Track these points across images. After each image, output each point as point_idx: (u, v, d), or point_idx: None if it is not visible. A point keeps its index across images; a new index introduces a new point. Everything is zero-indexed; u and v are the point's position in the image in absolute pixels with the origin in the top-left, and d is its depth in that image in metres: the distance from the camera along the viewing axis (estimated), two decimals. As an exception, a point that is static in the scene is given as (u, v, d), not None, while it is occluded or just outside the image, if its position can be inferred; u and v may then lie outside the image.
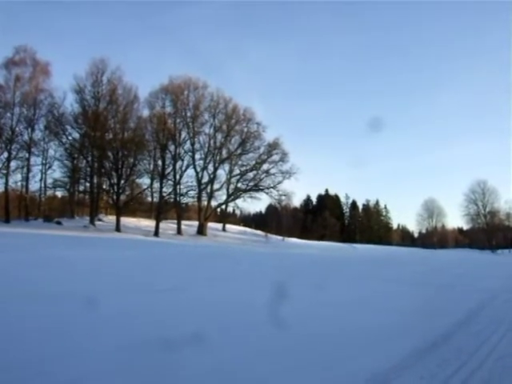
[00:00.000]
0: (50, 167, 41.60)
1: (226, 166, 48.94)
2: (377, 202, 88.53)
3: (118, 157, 38.65)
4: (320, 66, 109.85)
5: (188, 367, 4.30)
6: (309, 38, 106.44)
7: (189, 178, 45.77)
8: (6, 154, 36.63)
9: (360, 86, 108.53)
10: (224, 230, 52.56)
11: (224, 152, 48.18)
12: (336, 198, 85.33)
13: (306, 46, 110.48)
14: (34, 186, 41.29)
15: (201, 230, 44.88)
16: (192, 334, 5.46)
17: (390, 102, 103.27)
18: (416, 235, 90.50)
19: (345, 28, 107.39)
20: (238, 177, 49.36)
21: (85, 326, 5.71)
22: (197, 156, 46.40)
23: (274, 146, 48.35)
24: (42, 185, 42.06)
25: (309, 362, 4.67)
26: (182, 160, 45.02)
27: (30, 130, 38.23)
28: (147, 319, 6.36)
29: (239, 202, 51.65)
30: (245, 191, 49.09)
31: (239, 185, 49.38)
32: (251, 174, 49.24)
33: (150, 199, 49.13)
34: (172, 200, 45.26)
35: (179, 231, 43.18)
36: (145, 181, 44.64)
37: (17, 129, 37.16)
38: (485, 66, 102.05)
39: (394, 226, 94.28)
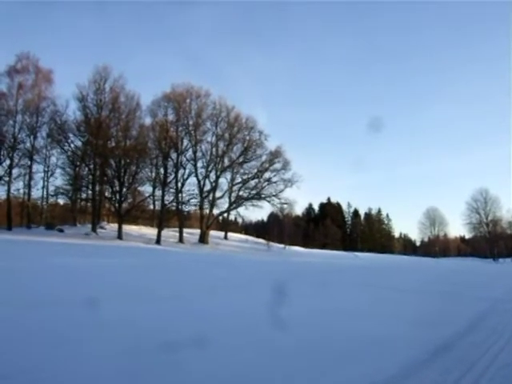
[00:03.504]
0: (52, 175, 42.00)
1: (228, 175, 49.25)
2: (379, 211, 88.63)
3: (120, 165, 38.85)
4: (321, 73, 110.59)
5: (189, 370, 4.32)
6: (310, 44, 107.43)
7: (191, 186, 46.06)
8: (8, 162, 36.96)
9: (362, 94, 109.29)
10: (226, 238, 52.59)
11: (226, 160, 48.46)
12: (338, 207, 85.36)
13: (308, 52, 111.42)
14: (36, 193, 41.72)
15: (203, 238, 44.86)
16: (194, 340, 5.46)
17: (392, 109, 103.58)
18: (418, 244, 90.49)
19: (345, 33, 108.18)
20: (240, 185, 49.53)
21: (86, 330, 5.70)
22: (199, 164, 46.74)
23: (275, 155, 48.52)
24: (44, 192, 42.46)
25: (308, 368, 4.66)
26: (184, 168, 45.34)
27: (32, 137, 38.59)
28: (150, 325, 6.35)
29: (241, 210, 51.87)
30: (247, 199, 49.16)
31: (241, 193, 49.54)
32: (253, 183, 49.49)
33: (151, 207, 49.43)
34: (174, 208, 45.36)
35: (181, 239, 43.19)
36: (147, 189, 44.98)
37: (19, 136, 37.54)
38: (486, 73, 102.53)
39: (396, 235, 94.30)
